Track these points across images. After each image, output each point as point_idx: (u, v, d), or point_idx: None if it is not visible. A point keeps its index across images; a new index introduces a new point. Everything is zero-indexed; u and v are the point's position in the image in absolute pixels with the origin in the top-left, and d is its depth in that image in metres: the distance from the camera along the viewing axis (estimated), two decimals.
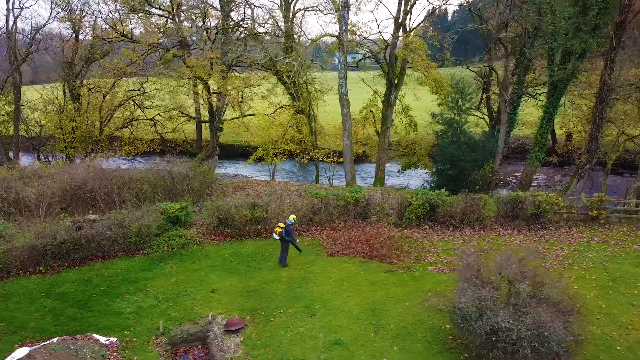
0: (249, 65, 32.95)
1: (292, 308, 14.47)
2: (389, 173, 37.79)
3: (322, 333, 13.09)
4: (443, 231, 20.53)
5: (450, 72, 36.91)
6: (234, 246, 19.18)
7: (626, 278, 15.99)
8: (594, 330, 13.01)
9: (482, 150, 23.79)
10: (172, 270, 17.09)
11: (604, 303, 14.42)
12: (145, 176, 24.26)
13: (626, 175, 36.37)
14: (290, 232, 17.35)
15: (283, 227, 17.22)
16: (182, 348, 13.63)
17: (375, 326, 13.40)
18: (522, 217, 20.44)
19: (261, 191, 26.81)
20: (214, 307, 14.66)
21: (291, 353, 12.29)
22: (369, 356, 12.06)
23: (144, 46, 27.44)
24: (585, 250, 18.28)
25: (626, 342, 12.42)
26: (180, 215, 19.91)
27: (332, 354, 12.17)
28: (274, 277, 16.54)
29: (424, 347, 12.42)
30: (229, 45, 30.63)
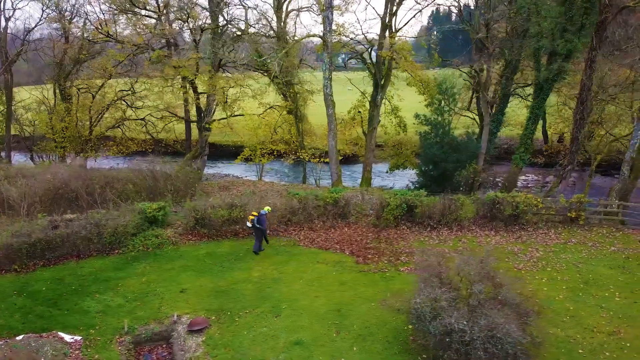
0: (238, 66, 32.97)
1: (258, 308, 14.49)
2: (379, 174, 37.77)
3: (285, 333, 13.10)
4: (420, 232, 20.48)
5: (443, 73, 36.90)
6: (209, 246, 19.22)
7: (598, 280, 15.90)
8: (557, 332, 12.97)
9: (465, 151, 23.72)
10: (145, 270, 17.14)
11: (572, 305, 14.34)
12: (129, 176, 24.33)
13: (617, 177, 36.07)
14: (262, 222, 18.20)
15: (256, 216, 18.08)
16: (147, 347, 13.66)
17: (339, 326, 13.40)
18: (500, 218, 20.36)
19: (244, 191, 26.84)
20: (181, 307, 14.70)
21: (251, 353, 12.31)
22: (328, 356, 12.06)
23: (128, 47, 27.57)
24: (561, 252, 18.18)
25: (589, 345, 12.35)
26: (158, 215, 19.96)
27: (291, 354, 12.19)
28: (245, 277, 16.56)
29: (384, 347, 12.41)
30: (218, 45, 30.73)
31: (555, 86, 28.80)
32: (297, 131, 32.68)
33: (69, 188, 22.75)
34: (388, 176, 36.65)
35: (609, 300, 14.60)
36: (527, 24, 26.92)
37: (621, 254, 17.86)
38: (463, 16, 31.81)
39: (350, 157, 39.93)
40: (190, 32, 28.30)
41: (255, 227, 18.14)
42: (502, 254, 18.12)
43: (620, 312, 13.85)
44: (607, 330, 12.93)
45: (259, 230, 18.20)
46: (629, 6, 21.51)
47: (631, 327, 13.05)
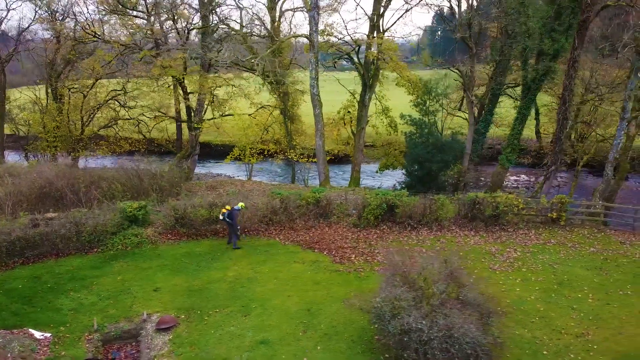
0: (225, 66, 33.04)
1: (229, 307, 14.52)
2: (370, 174, 37.74)
3: (252, 332, 13.13)
4: (400, 231, 20.46)
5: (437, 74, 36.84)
6: (188, 246, 19.28)
7: (573, 281, 15.83)
8: (524, 333, 12.93)
9: (449, 151, 23.67)
10: (122, 269, 17.22)
11: (543, 306, 14.28)
12: (114, 175, 24.46)
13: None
14: (234, 217, 18.66)
15: (228, 210, 18.53)
16: (116, 345, 13.73)
17: (306, 325, 13.41)
18: (480, 218, 20.31)
19: (229, 191, 26.91)
20: (153, 306, 14.75)
21: (215, 352, 12.34)
22: (291, 355, 12.08)
23: (116, 47, 27.67)
24: (539, 253, 18.11)
25: (555, 346, 12.29)
26: (138, 214, 20.05)
27: (255, 353, 12.21)
28: (220, 276, 16.60)
29: (348, 346, 12.41)
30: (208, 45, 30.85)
31: (547, 86, 28.70)
32: (286, 131, 32.69)
33: (54, 187, 22.88)
34: (379, 176, 36.62)
35: (582, 301, 14.53)
36: (514, 24, 26.84)
37: (600, 255, 17.78)
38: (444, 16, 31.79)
39: (342, 157, 39.94)
40: (177, 32, 28.39)
41: (226, 221, 18.68)
42: (479, 254, 18.09)
43: (591, 313, 13.78)
44: (575, 332, 12.86)
45: (229, 224, 18.74)
46: (610, 5, 21.38)
47: (600, 329, 12.98)
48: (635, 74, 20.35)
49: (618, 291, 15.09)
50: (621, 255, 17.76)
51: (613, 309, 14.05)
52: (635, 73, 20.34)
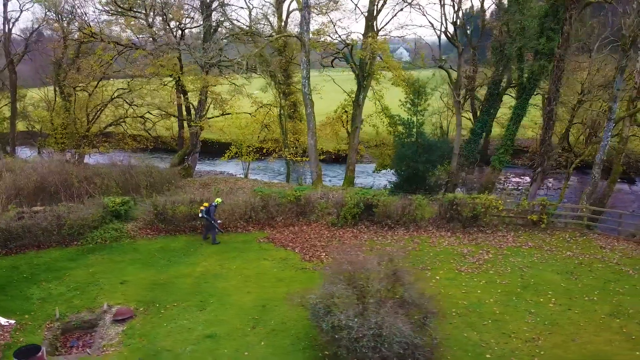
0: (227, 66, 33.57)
1: (187, 302, 14.80)
2: (369, 173, 37.59)
3: (202, 326, 13.37)
4: (377, 231, 20.38)
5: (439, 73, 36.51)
6: (165, 241, 19.71)
7: (539, 285, 15.46)
8: (473, 335, 12.75)
9: (436, 151, 23.36)
10: (96, 262, 17.75)
11: (500, 309, 14.02)
12: (107, 171, 25.19)
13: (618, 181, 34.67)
14: (211, 213, 19.19)
15: (206, 206, 19.01)
16: (76, 334, 14.19)
17: (257, 321, 13.56)
18: (458, 219, 20.02)
19: (221, 188, 27.31)
20: (116, 298, 15.17)
21: (161, 343, 12.62)
22: (233, 350, 12.25)
23: (112, 46, 28.47)
24: (512, 255, 17.75)
25: (500, 350, 12.06)
26: (121, 209, 20.64)
27: (199, 346, 12.44)
28: (188, 271, 16.92)
29: (292, 342, 12.50)
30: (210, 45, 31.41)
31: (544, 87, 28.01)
32: (282, 130, 32.94)
33: (47, 182, 23.75)
34: (377, 176, 36.44)
35: (542, 306, 14.19)
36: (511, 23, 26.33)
37: (575, 260, 17.30)
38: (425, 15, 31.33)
39: (344, 156, 39.85)
40: (171, 32, 29.00)
41: (204, 218, 19.18)
42: (450, 255, 17.87)
43: (548, 318, 13.46)
44: (526, 337, 12.58)
45: (207, 220, 19.20)
46: (593, 2, 20.70)
47: (553, 335, 12.66)
48: (620, 73, 19.62)
49: (584, 297, 14.67)
50: (598, 260, 17.23)
51: (573, 314, 13.68)
52: (621, 72, 19.62)
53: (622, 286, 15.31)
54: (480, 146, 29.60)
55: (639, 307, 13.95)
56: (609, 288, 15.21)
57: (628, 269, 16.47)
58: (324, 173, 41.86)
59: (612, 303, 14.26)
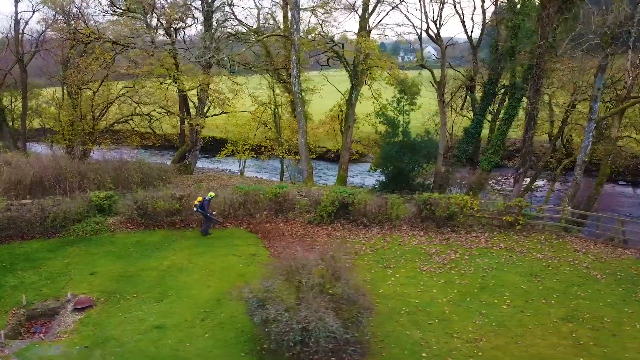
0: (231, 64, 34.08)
1: (147, 294, 15.24)
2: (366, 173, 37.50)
3: (154, 317, 13.76)
4: (351, 229, 20.44)
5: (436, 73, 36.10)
6: (142, 235, 20.27)
7: (499, 287, 15.26)
8: (415, 334, 12.74)
9: (420, 151, 23.21)
10: (73, 253, 18.43)
11: (450, 309, 13.93)
12: (101, 167, 26.05)
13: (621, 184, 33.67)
14: (205, 207, 19.89)
15: (200, 201, 19.73)
16: (41, 321, 14.83)
17: (208, 314, 13.87)
18: (432, 218, 19.88)
19: (213, 185, 27.84)
20: (82, 288, 15.74)
21: (111, 332, 13.07)
22: (177, 340, 12.59)
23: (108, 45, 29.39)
24: (480, 256, 17.54)
25: (439, 349, 12.02)
26: (104, 204, 21.35)
27: (145, 336, 12.82)
28: (156, 265, 17.37)
29: (235, 335, 12.74)
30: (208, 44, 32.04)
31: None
32: (275, 128, 33.26)
33: (43, 177, 24.74)
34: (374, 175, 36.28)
35: (495, 307, 14.02)
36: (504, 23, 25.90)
37: (543, 262, 16.97)
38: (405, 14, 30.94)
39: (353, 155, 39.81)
40: (165, 31, 29.70)
41: (199, 212, 19.98)
42: (417, 254, 17.80)
43: (497, 320, 13.30)
44: (469, 337, 12.49)
45: (203, 214, 20.00)
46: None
47: (497, 337, 12.52)
48: (601, 72, 18.97)
49: (541, 300, 14.41)
50: (567, 263, 16.85)
51: (525, 317, 13.47)
52: (601, 71, 18.96)
53: (585, 290, 14.96)
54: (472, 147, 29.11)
55: (596, 312, 13.63)
56: (571, 292, 14.88)
57: (596, 273, 16.06)
58: (323, 172, 42.10)
59: (569, 307, 13.96)
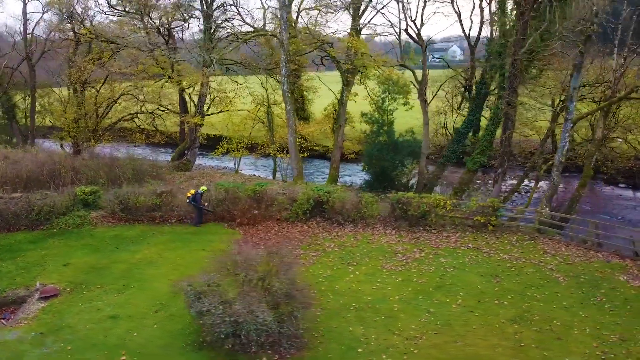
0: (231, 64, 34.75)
1: (112, 285, 15.75)
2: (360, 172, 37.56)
3: (111, 308, 14.25)
4: (325, 227, 20.62)
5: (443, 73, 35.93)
6: (122, 229, 20.87)
7: (455, 286, 15.24)
8: (357, 330, 12.88)
9: (403, 150, 23.17)
10: (52, 245, 19.15)
11: (400, 307, 14.02)
12: (94, 163, 26.90)
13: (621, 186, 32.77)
14: (197, 200, 20.98)
15: (192, 194, 20.97)
16: (11, 308, 15.54)
17: (163, 306, 14.27)
18: (405, 218, 19.88)
19: (204, 181, 28.40)
20: (53, 278, 16.35)
21: (68, 321, 13.59)
22: (125, 330, 13.02)
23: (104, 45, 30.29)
24: (445, 256, 17.50)
25: (376, 346, 12.13)
26: (89, 198, 22.09)
27: (98, 325, 13.30)
28: (127, 258, 17.90)
29: (182, 327, 13.06)
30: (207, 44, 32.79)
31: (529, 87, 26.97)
32: (268, 126, 33.65)
33: (37, 172, 25.71)
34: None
35: (444, 306, 14.04)
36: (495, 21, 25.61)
37: (507, 263, 16.82)
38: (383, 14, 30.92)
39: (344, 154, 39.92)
40: (158, 32, 30.40)
41: (192, 204, 21.01)
42: (382, 252, 17.89)
43: (443, 319, 13.32)
44: (410, 335, 12.56)
45: (195, 207, 21.04)
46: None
47: (438, 335, 12.56)
48: (576, 72, 18.53)
49: (494, 300, 14.34)
50: (532, 265, 16.67)
51: (472, 317, 13.46)
52: (577, 72, 18.52)
53: (542, 292, 14.81)
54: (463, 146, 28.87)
55: (547, 315, 13.50)
56: (527, 293, 14.75)
57: (559, 276, 15.85)
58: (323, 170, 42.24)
59: (520, 308, 13.86)
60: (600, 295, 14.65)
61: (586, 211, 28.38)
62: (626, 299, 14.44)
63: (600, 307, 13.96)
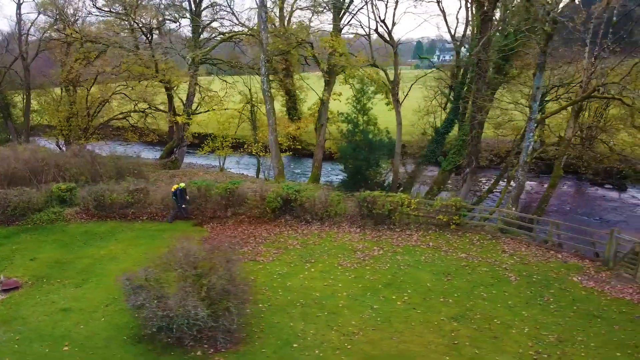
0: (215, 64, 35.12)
1: (71, 279, 16.17)
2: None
3: (65, 301, 14.65)
4: (292, 225, 20.86)
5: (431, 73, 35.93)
6: (94, 225, 21.32)
7: (404, 284, 15.41)
8: (298, 325, 13.10)
9: (376, 150, 23.30)
10: (24, 240, 19.66)
11: (346, 303, 14.21)
12: (75, 161, 27.43)
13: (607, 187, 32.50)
14: (178, 195, 21.71)
15: (176, 188, 21.74)
16: None
17: (114, 301, 14.59)
18: (370, 216, 20.04)
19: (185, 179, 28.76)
20: (19, 271, 16.82)
21: (23, 313, 14.03)
22: (74, 322, 13.40)
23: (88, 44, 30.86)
24: (403, 254, 17.65)
25: (312, 341, 12.35)
26: (65, 195, 22.60)
27: (49, 317, 13.70)
28: (93, 253, 18.34)
29: (128, 320, 13.34)
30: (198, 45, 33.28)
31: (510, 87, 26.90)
32: (252, 125, 33.95)
33: (19, 169, 26.31)
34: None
35: (389, 303, 14.20)
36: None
37: (462, 262, 16.91)
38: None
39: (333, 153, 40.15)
40: (141, 31, 30.86)
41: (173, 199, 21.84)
42: (342, 250, 18.09)
43: (384, 315, 13.50)
44: (348, 331, 12.75)
45: (175, 201, 21.77)
46: None
47: (375, 331, 12.74)
48: (539, 72, 18.43)
49: (439, 298, 14.47)
50: (487, 264, 16.74)
51: (414, 314, 13.61)
52: (539, 71, 18.42)
53: (490, 291, 14.89)
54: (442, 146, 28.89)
55: (489, 314, 13.60)
56: (474, 292, 14.85)
57: (511, 275, 15.91)
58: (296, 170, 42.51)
59: (464, 307, 13.97)
60: (548, 295, 14.70)
61: (565, 211, 28.31)
62: (574, 300, 14.47)
63: (545, 307, 14.01)
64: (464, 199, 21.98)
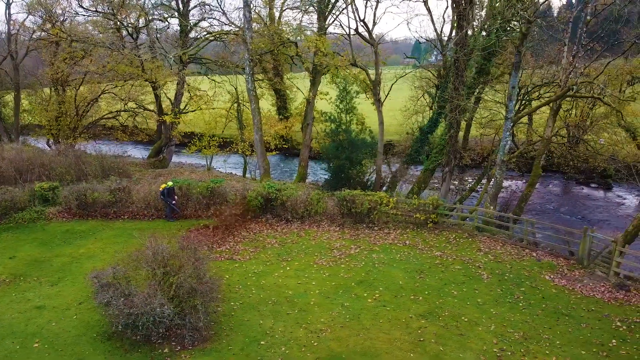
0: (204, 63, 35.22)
1: (48, 277, 16.28)
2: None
3: (40, 299, 14.76)
4: (272, 224, 20.99)
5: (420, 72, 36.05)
6: (75, 224, 21.40)
7: (377, 282, 15.55)
8: (268, 323, 13.23)
9: (358, 149, 23.44)
10: (5, 239, 19.73)
11: (317, 301, 14.33)
12: (60, 160, 27.52)
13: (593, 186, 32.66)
14: (165, 195, 21.58)
15: (164, 187, 21.66)
16: None
17: (88, 298, 14.60)
18: (349, 215, 20.18)
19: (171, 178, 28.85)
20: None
21: None
22: (46, 320, 13.51)
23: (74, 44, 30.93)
24: (378, 252, 17.80)
25: (280, 338, 12.45)
26: (47, 194, 22.69)
27: (23, 315, 13.80)
28: (71, 252, 18.41)
29: (99, 318, 13.38)
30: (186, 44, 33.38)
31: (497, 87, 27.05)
32: (239, 124, 34.06)
33: (3, 168, 26.41)
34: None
35: (360, 300, 14.34)
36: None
37: (436, 260, 17.05)
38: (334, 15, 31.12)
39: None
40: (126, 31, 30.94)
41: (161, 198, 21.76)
42: (320, 248, 18.23)
43: (354, 313, 13.63)
44: (316, 328, 12.88)
45: (164, 200, 21.67)
46: None
47: (343, 329, 12.86)
48: (514, 71, 18.58)
49: (410, 296, 14.61)
50: (461, 262, 16.89)
51: (383, 311, 13.74)
52: (515, 70, 18.57)
53: (461, 289, 15.04)
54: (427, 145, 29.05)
55: (457, 311, 13.74)
56: (445, 289, 15.00)
57: (484, 273, 16.06)
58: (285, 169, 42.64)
59: (434, 304, 14.11)
60: (518, 293, 14.85)
61: (549, 210, 28.47)
62: (543, 298, 14.62)
63: (514, 305, 14.16)
64: (444, 197, 22.10)
